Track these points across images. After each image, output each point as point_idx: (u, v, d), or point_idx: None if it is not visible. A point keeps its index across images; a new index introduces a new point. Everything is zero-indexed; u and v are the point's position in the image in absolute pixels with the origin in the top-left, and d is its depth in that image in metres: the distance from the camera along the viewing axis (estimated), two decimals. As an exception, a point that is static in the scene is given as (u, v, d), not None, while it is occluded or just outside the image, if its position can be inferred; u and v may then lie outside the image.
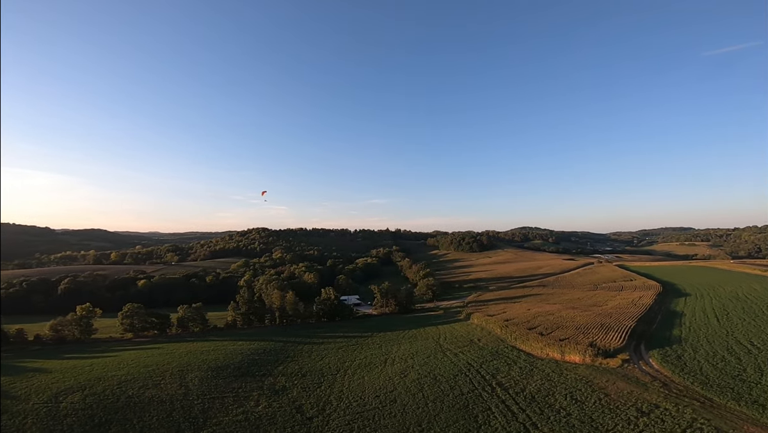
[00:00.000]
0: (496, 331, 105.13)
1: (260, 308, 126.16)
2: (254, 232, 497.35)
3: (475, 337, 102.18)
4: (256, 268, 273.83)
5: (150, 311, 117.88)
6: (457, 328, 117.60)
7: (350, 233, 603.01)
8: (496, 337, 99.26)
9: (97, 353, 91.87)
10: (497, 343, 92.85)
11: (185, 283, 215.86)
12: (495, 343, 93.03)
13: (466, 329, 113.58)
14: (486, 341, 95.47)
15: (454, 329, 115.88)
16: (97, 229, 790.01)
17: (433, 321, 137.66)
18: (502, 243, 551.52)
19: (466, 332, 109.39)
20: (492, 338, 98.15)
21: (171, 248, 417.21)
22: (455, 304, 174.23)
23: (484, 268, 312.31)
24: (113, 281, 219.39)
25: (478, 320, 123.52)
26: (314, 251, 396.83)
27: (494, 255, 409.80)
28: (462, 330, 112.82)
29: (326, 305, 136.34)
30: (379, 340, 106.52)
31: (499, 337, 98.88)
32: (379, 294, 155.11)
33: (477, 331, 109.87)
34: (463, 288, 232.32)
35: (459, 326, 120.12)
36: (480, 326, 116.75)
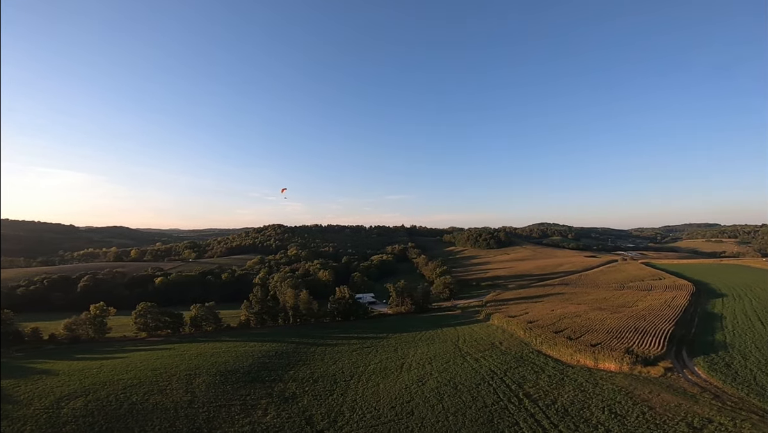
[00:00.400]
0: (519, 333, 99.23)
1: (273, 307, 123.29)
2: (270, 228, 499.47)
3: (496, 340, 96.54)
4: (271, 265, 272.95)
5: (163, 310, 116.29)
6: (477, 329, 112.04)
7: (365, 229, 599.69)
8: (520, 340, 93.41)
9: (109, 354, 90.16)
10: (521, 347, 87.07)
11: (201, 280, 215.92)
12: (518, 347, 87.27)
13: (487, 331, 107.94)
14: (509, 345, 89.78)
15: (473, 331, 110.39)
16: (119, 226, 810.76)
17: (450, 321, 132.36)
18: (520, 240, 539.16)
19: (486, 334, 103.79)
20: (515, 342, 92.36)
21: (189, 245, 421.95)
22: (473, 303, 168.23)
23: (503, 265, 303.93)
24: (131, 279, 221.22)
25: (498, 321, 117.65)
26: (329, 248, 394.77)
27: (512, 252, 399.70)
28: (482, 332, 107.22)
29: (341, 304, 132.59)
30: (395, 342, 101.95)
31: (522, 340, 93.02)
32: (395, 293, 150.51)
33: (498, 333, 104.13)
34: (481, 286, 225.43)
35: (479, 328, 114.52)
36: (501, 327, 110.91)
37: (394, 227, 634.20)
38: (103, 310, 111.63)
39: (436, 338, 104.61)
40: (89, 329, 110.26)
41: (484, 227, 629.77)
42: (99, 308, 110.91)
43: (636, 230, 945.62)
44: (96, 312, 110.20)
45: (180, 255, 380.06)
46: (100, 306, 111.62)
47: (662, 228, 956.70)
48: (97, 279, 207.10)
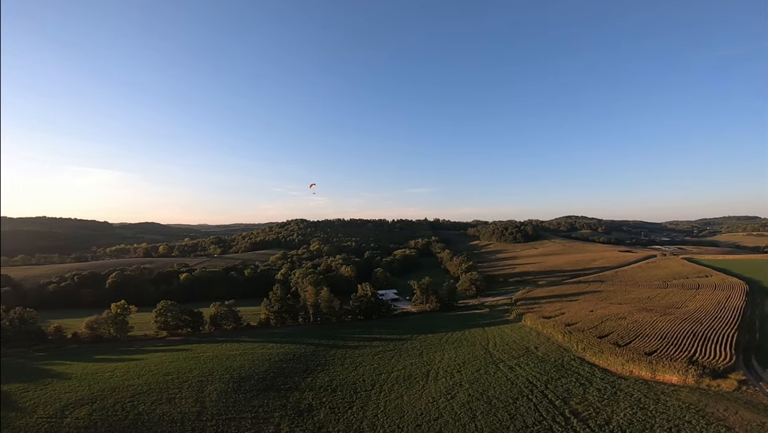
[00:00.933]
0: (556, 337, 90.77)
1: (293, 305, 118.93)
2: (293, 223, 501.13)
3: (531, 344, 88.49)
4: (293, 260, 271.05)
5: (183, 309, 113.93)
6: (508, 331, 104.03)
7: (388, 223, 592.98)
8: (558, 345, 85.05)
9: (126, 355, 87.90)
10: (560, 353, 78.84)
11: (224, 276, 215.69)
12: (557, 353, 79.07)
13: (519, 334, 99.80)
14: (546, 350, 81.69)
15: (504, 333, 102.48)
16: (150, 222, 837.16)
17: (478, 321, 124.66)
18: (548, 233, 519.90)
19: (519, 337, 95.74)
20: (552, 347, 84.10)
21: (215, 240, 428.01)
22: (502, 301, 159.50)
23: (531, 260, 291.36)
24: (158, 275, 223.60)
25: (531, 322, 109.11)
26: (351, 243, 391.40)
27: (540, 246, 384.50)
28: (514, 335, 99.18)
29: (362, 303, 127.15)
30: (420, 344, 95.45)
31: (560, 345, 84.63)
32: (419, 290, 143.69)
33: (532, 336, 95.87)
34: (509, 283, 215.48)
35: (510, 329, 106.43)
36: (535, 329, 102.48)
37: (417, 221, 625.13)
38: (124, 309, 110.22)
39: (464, 341, 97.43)
40: (111, 328, 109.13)
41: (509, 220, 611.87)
42: (120, 307, 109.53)
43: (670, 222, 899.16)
44: (117, 311, 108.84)
45: (206, 250, 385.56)
46: (121, 305, 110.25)
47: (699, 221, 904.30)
48: (125, 275, 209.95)
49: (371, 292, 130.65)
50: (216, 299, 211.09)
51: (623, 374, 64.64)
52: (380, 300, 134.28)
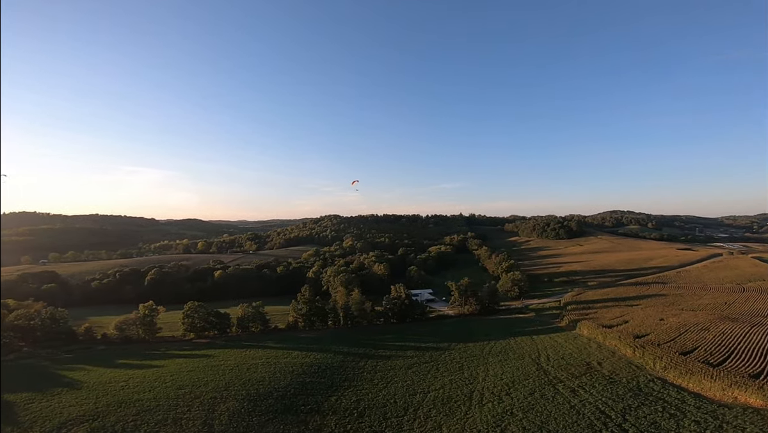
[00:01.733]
0: (623, 351, 77.45)
1: (322, 308, 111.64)
2: (326, 219, 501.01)
3: (592, 358, 75.76)
4: (325, 257, 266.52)
5: (210, 311, 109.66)
6: (561, 342, 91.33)
7: (421, 218, 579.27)
8: (627, 361, 71.95)
9: (148, 360, 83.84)
10: (632, 372, 65.98)
11: (257, 274, 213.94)
12: (628, 371, 66.25)
13: (575, 345, 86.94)
14: (612, 368, 68.94)
15: (557, 344, 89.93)
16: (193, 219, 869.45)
17: (524, 328, 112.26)
18: (592, 229, 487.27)
19: (576, 350, 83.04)
20: (620, 363, 71.13)
21: (250, 237, 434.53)
22: (549, 304, 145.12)
23: (577, 258, 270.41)
24: (194, 272, 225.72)
25: (589, 331, 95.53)
26: (385, 239, 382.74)
27: (586, 243, 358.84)
28: (569, 346, 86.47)
29: (396, 305, 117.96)
30: (459, 355, 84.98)
31: (631, 361, 71.49)
32: (457, 292, 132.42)
33: (592, 348, 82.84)
34: (554, 283, 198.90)
35: (563, 339, 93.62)
36: (595, 340, 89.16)
37: (451, 216, 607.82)
38: (152, 309, 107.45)
39: (511, 352, 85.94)
40: (139, 329, 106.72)
41: (549, 216, 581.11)
42: (148, 308, 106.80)
43: (727, 217, 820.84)
44: (145, 312, 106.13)
45: (242, 247, 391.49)
46: (149, 306, 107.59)
47: (759, 216, 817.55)
48: (163, 272, 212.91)
49: (405, 294, 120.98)
50: (249, 297, 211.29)
51: (723, 400, 51.51)
52: (415, 302, 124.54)
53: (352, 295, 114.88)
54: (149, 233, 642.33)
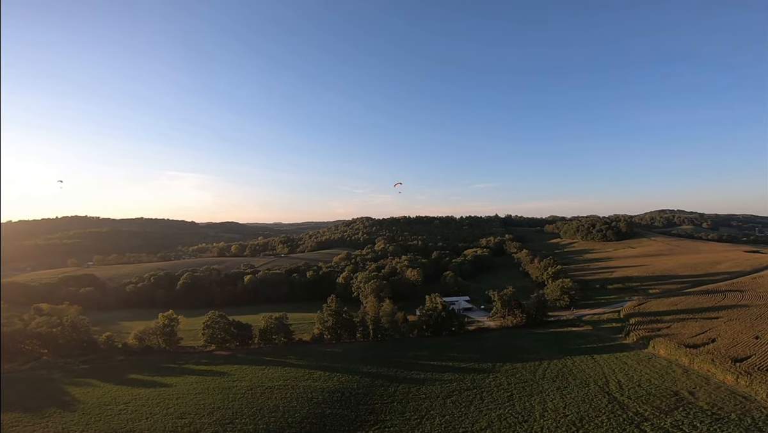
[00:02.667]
0: (721, 378, 62.47)
1: (349, 320, 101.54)
2: (358, 222, 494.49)
3: (680, 387, 60.96)
4: (357, 261, 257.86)
5: (231, 321, 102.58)
6: (632, 363, 76.25)
7: (455, 220, 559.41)
8: (727, 390, 57.10)
9: (159, 376, 77.24)
10: (739, 404, 51.49)
11: (287, 279, 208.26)
12: (734, 404, 51.71)
13: (652, 368, 71.79)
14: (711, 399, 54.38)
15: (627, 366, 74.98)
16: (230, 222, 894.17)
17: (580, 344, 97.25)
18: (642, 230, 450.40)
19: (654, 374, 68.12)
20: (720, 393, 56.38)
21: (283, 240, 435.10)
22: (606, 315, 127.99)
23: (631, 262, 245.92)
24: (225, 276, 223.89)
25: (667, 351, 79.74)
26: (418, 241, 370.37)
27: (638, 245, 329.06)
28: (645, 370, 71.44)
29: (431, 317, 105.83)
30: (506, 380, 72.07)
31: (733, 391, 56.67)
32: (500, 302, 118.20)
33: (677, 374, 67.57)
34: (607, 290, 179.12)
35: (633, 360, 78.42)
36: (678, 363, 73.56)
37: (486, 217, 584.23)
38: (172, 319, 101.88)
39: (570, 376, 72.07)
40: (159, 339, 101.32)
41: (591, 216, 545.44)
42: (167, 318, 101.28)
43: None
44: (164, 321, 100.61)
45: (274, 250, 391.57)
46: (169, 315, 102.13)
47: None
48: (195, 276, 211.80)
49: (441, 306, 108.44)
50: (278, 301, 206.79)
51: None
52: (452, 313, 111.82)
53: (382, 306, 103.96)
54: (189, 235, 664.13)
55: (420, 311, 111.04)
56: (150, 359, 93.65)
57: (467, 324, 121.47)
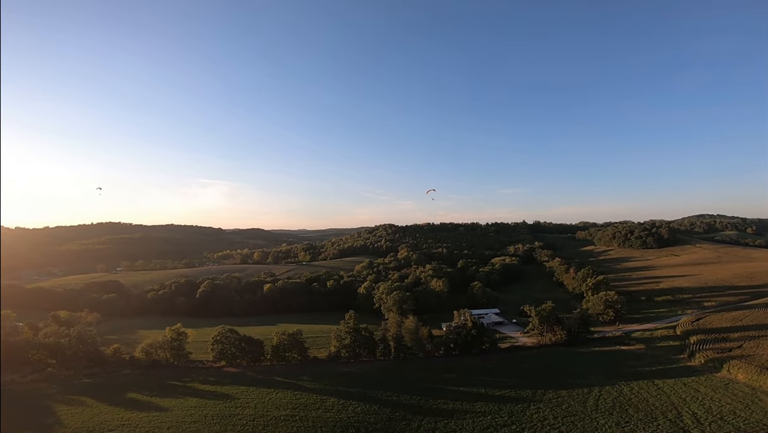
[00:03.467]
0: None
1: (369, 337, 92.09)
2: (381, 229, 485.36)
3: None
4: (379, 270, 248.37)
5: (242, 337, 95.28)
6: (706, 391, 64.01)
7: (481, 226, 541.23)
8: None
9: (159, 397, 70.45)
10: None
11: (307, 288, 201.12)
12: None
13: (732, 397, 59.42)
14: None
15: (700, 394, 62.71)
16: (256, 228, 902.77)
17: (635, 366, 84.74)
18: (684, 236, 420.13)
19: (738, 404, 55.99)
20: None
21: (305, 247, 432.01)
22: (658, 330, 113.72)
23: (678, 271, 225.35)
24: (245, 285, 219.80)
25: (747, 376, 67.69)
26: (442, 249, 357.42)
27: (682, 252, 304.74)
28: (724, 399, 59.16)
29: (460, 335, 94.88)
30: (552, 412, 60.85)
31: None
32: (537, 319, 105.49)
33: (767, 404, 54.52)
34: (655, 302, 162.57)
35: (705, 386, 66.01)
36: (765, 390, 60.31)
37: (513, 224, 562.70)
38: (179, 334, 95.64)
39: (630, 408, 60.33)
40: (167, 353, 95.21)
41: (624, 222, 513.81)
42: (175, 331, 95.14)
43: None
44: (171, 336, 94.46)
45: (296, 257, 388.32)
46: (177, 329, 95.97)
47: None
48: (215, 285, 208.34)
49: (471, 321, 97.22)
50: (297, 311, 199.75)
51: None
52: (483, 330, 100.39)
53: (405, 323, 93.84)
54: (215, 241, 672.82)
55: (446, 326, 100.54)
56: (155, 375, 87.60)
57: (499, 340, 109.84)
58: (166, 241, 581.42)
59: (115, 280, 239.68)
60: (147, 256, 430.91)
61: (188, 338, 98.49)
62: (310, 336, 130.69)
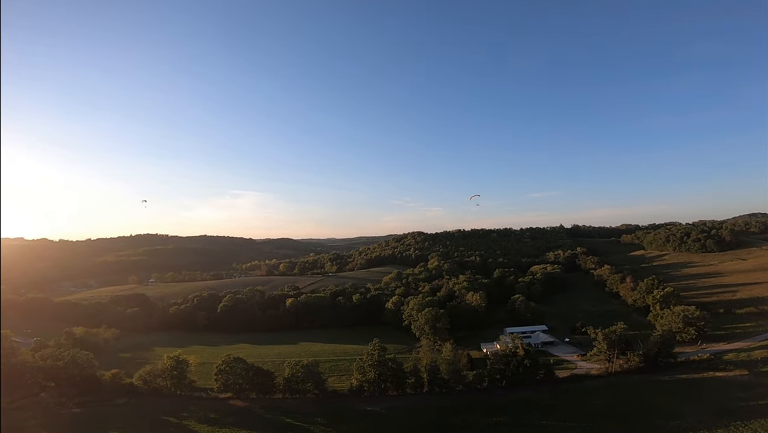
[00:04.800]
0: None
1: (398, 370, 76.31)
2: (410, 237, 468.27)
3: None
4: (408, 282, 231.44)
5: (249, 368, 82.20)
6: None
7: (515, 232, 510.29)
8: None
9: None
10: None
11: (331, 302, 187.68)
12: None
13: None
14: None
15: None
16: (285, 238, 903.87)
17: (743, 399, 66.41)
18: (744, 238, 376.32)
19: None
20: None
21: (332, 257, 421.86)
22: (754, 350, 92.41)
23: (752, 278, 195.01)
24: (268, 299, 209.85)
25: None
26: (475, 257, 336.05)
27: (749, 256, 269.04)
28: None
29: (510, 366, 77.06)
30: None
31: None
32: (605, 343, 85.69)
33: None
34: (735, 314, 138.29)
35: None
36: None
37: (550, 228, 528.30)
38: (180, 362, 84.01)
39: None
40: (167, 381, 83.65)
41: (671, 223, 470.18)
42: (174, 359, 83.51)
43: None
44: (171, 363, 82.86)
45: (323, 268, 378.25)
46: (176, 356, 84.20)
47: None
48: (237, 299, 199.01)
49: (524, 349, 78.88)
50: (322, 327, 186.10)
51: None
52: (536, 356, 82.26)
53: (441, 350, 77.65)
54: (245, 252, 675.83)
55: (488, 349, 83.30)
56: (152, 406, 76.42)
57: (555, 366, 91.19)
58: (198, 252, 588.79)
59: (141, 293, 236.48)
60: (179, 267, 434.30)
61: (190, 366, 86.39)
62: (331, 359, 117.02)
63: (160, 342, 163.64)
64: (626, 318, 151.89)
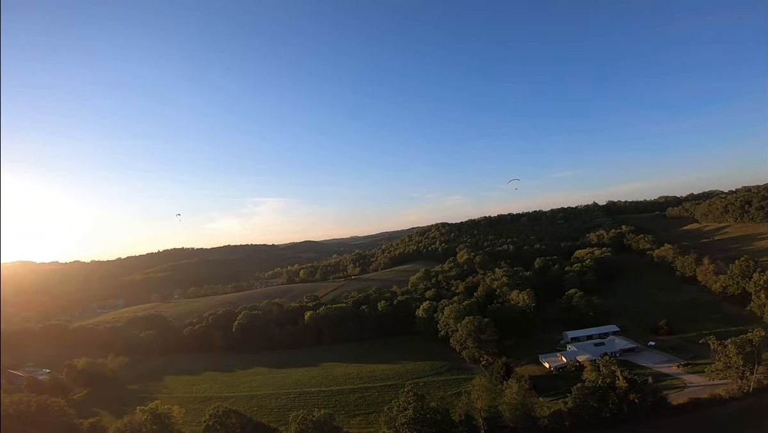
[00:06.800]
0: None
1: (441, 422, 54.93)
2: (434, 229, 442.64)
3: None
4: (438, 281, 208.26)
5: (248, 420, 62.89)
6: None
7: (546, 214, 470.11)
8: None
9: None
10: None
11: (354, 313, 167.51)
12: None
13: None
14: None
15: None
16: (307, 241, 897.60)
17: None
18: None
19: None
20: None
21: (355, 258, 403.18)
22: None
23: None
24: (286, 312, 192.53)
25: None
26: (507, 246, 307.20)
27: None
28: None
29: (605, 403, 54.26)
30: None
31: None
32: (737, 354, 60.60)
33: None
34: None
35: None
36: None
37: (583, 207, 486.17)
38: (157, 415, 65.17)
39: None
40: (151, 431, 65.23)
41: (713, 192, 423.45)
42: (150, 412, 64.72)
43: None
44: (147, 417, 64.22)
45: (345, 270, 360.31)
46: (152, 409, 65.37)
47: None
48: (252, 315, 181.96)
49: (625, 379, 55.60)
50: (345, 341, 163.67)
51: None
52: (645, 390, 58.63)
53: (507, 391, 55.60)
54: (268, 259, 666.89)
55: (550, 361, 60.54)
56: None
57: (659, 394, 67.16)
58: (222, 263, 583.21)
59: (159, 313, 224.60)
60: (202, 280, 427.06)
61: (176, 418, 67.78)
62: (356, 388, 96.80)
63: (173, 369, 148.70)
64: (715, 309, 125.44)
